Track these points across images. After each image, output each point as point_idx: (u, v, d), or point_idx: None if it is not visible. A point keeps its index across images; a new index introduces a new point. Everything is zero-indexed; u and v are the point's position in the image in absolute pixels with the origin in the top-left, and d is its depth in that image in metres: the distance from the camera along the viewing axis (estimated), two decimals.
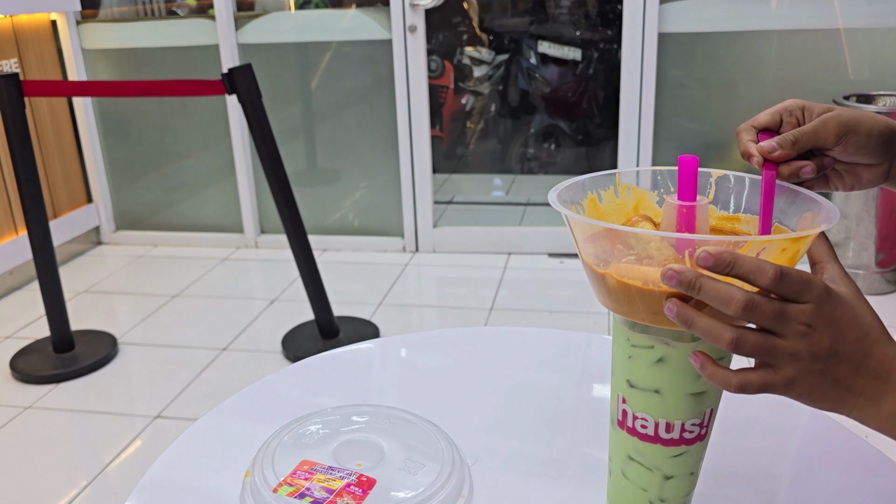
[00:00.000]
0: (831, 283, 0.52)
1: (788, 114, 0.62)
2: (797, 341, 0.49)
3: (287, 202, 2.20)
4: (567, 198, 0.61)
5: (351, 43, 3.05)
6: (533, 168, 4.32)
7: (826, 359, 0.49)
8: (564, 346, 1.00)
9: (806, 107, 0.61)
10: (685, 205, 0.57)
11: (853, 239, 2.61)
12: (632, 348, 0.60)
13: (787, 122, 0.61)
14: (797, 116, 0.61)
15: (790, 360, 0.49)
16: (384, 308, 2.68)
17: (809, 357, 0.49)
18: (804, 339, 0.49)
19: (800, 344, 0.49)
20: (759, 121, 0.62)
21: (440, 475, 0.67)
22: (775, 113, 0.62)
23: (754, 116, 0.63)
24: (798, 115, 0.62)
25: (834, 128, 0.59)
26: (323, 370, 0.94)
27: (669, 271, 0.50)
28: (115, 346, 2.40)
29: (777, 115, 0.62)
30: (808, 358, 0.49)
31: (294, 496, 0.64)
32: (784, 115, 0.62)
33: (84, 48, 3.23)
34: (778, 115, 0.62)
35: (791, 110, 0.62)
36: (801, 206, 0.59)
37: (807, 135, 0.59)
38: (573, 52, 3.95)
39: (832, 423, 0.80)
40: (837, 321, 0.49)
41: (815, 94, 2.75)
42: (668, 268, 0.50)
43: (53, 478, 1.82)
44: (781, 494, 0.70)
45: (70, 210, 3.26)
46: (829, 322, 0.49)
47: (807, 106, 0.61)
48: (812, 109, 0.61)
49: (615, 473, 0.65)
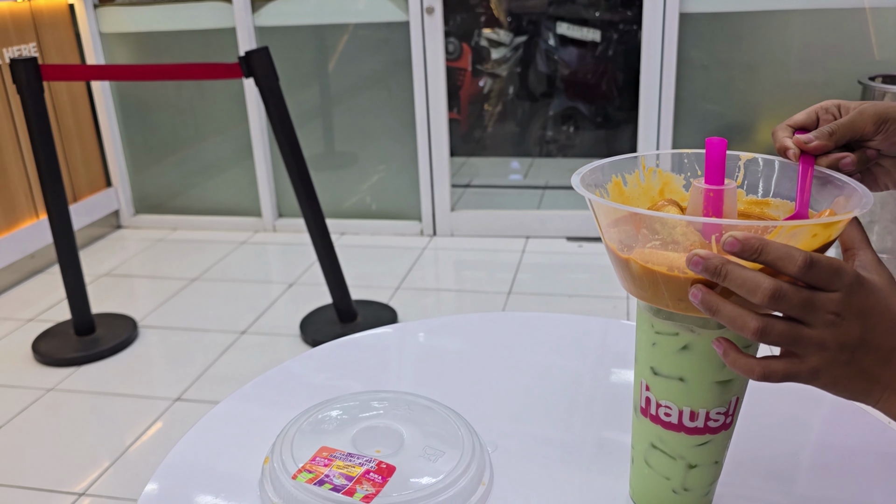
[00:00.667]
0: (863, 271, 0.50)
1: (825, 111, 0.61)
2: (825, 331, 0.48)
3: (305, 186, 2.19)
4: (590, 181, 0.60)
5: (368, 25, 3.03)
6: (551, 151, 4.28)
7: (854, 349, 0.48)
8: (584, 332, 0.99)
9: (842, 105, 0.61)
10: (713, 188, 0.56)
11: (877, 223, 2.57)
12: (656, 335, 0.58)
13: (823, 119, 0.60)
14: (833, 114, 0.60)
15: (816, 349, 0.48)
16: (402, 292, 2.67)
17: (837, 347, 0.48)
18: (832, 329, 0.48)
19: (827, 333, 0.48)
20: (796, 120, 0.61)
21: (460, 462, 0.66)
22: (811, 112, 0.61)
23: (790, 117, 0.61)
24: (834, 112, 0.60)
25: (871, 116, 0.58)
26: (342, 355, 0.94)
27: (695, 257, 0.48)
28: (135, 329, 2.42)
29: (813, 114, 0.61)
30: (835, 348, 0.48)
31: (313, 483, 0.64)
32: (820, 113, 0.61)
33: (101, 32, 3.24)
34: (814, 113, 0.61)
35: (827, 108, 0.61)
36: (833, 190, 0.57)
37: (844, 126, 0.58)
38: (592, 34, 3.89)
39: (858, 413, 0.78)
40: (868, 311, 0.48)
41: (839, 75, 2.69)
42: (693, 253, 0.49)
43: (76, 458, 1.84)
44: (806, 485, 0.69)
45: (89, 194, 3.28)
46: (859, 311, 0.48)
47: (842, 104, 0.61)
48: (848, 106, 0.60)
49: (638, 461, 0.64)
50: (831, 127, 0.58)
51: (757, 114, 2.87)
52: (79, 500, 1.70)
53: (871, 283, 0.49)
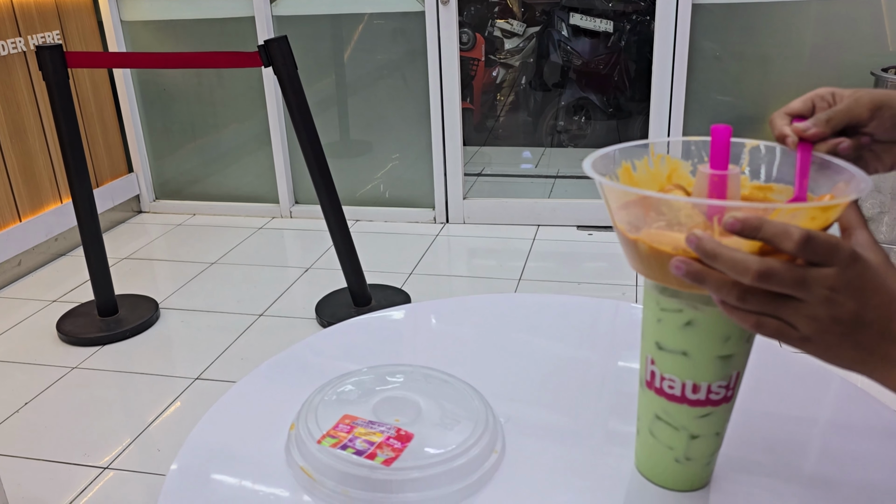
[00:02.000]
0: (859, 248, 0.52)
1: (820, 99, 0.63)
2: (819, 307, 0.49)
3: (322, 173, 2.24)
4: (601, 167, 0.63)
5: (384, 15, 3.06)
6: (563, 141, 4.30)
7: (848, 323, 0.50)
8: (594, 313, 1.03)
9: (836, 92, 0.63)
10: (717, 173, 0.59)
11: (888, 213, 2.58)
12: (661, 312, 0.62)
13: (819, 106, 0.63)
14: (828, 101, 0.63)
15: (807, 320, 0.50)
16: (415, 277, 2.72)
17: (830, 320, 0.50)
18: (827, 305, 0.49)
19: (821, 309, 0.49)
20: (792, 108, 0.63)
21: (474, 431, 0.70)
22: (807, 100, 0.63)
23: (787, 105, 0.64)
24: (829, 99, 0.63)
25: (867, 103, 0.60)
26: (358, 334, 0.97)
27: (692, 235, 0.51)
28: (156, 310, 2.48)
29: (809, 102, 0.63)
30: (828, 321, 0.50)
31: (337, 447, 0.68)
32: (816, 100, 0.63)
33: (123, 20, 3.28)
34: (810, 101, 0.63)
35: (822, 96, 0.63)
36: (833, 176, 0.60)
37: (840, 112, 0.60)
38: (605, 25, 3.90)
39: (859, 391, 0.81)
40: (863, 287, 0.50)
41: (853, 66, 2.69)
42: (692, 232, 0.51)
43: (99, 434, 1.90)
44: (804, 459, 0.72)
45: (111, 179, 3.35)
46: (854, 287, 0.49)
47: (836, 91, 0.63)
48: (842, 94, 0.62)
49: (643, 432, 0.68)
50: (828, 114, 0.61)
51: (768, 105, 2.88)
52: (103, 473, 1.76)
53: (866, 260, 0.50)
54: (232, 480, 0.71)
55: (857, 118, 0.61)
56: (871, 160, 0.64)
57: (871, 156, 0.64)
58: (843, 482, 0.68)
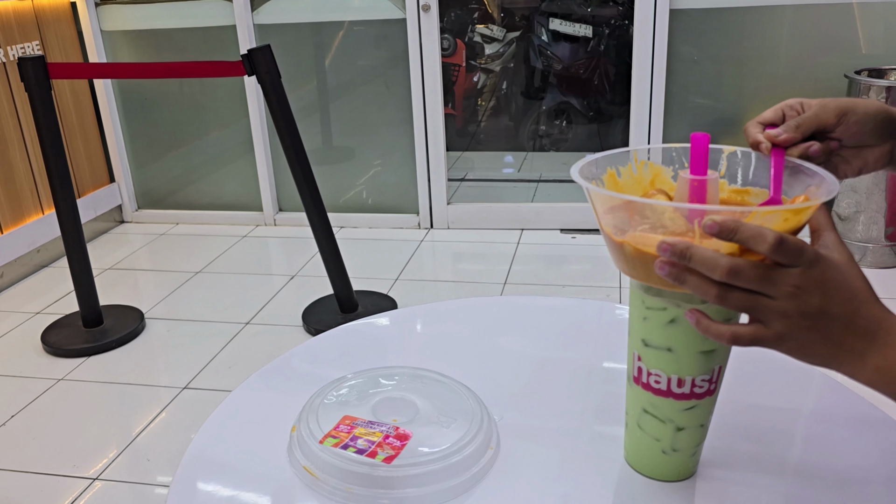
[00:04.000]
0: (824, 250, 0.56)
1: (789, 108, 0.68)
2: (786, 301, 0.53)
3: (307, 180, 2.25)
4: (588, 173, 0.66)
5: (366, 22, 3.08)
6: (545, 145, 4.35)
7: (815, 317, 0.54)
8: (579, 314, 1.06)
9: (804, 102, 0.68)
10: (697, 178, 0.62)
11: (863, 213, 2.65)
12: (646, 310, 0.65)
13: (788, 115, 0.67)
14: (797, 110, 0.68)
15: (778, 317, 0.54)
16: (401, 283, 2.74)
17: (798, 315, 0.54)
18: (793, 299, 0.53)
19: (789, 304, 0.53)
20: (764, 117, 0.68)
21: (470, 429, 0.73)
22: (777, 109, 0.68)
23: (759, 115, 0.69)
24: (798, 108, 0.68)
25: (833, 109, 0.65)
26: (349, 339, 0.99)
27: (663, 244, 0.55)
28: (142, 320, 2.48)
29: (779, 111, 0.68)
30: (796, 315, 0.54)
31: (338, 447, 0.70)
32: (786, 109, 0.68)
33: (103, 30, 3.28)
34: (780, 110, 0.68)
35: (791, 105, 0.68)
36: (805, 179, 0.64)
37: (809, 118, 0.65)
38: (585, 29, 3.96)
39: (836, 383, 0.85)
40: (826, 283, 0.54)
41: (826, 69, 2.76)
42: (661, 241, 0.55)
43: (87, 445, 1.90)
44: (786, 448, 0.75)
45: (93, 189, 3.34)
46: (817, 284, 0.54)
47: (805, 101, 0.68)
48: (810, 103, 0.67)
49: (631, 426, 0.71)
50: (797, 120, 0.65)
51: (746, 108, 2.94)
52: (92, 484, 1.76)
53: (829, 259, 0.55)
54: (236, 483, 0.73)
55: (824, 123, 0.65)
56: (840, 164, 0.68)
57: (839, 160, 0.68)
58: (822, 470, 0.71)
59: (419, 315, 1.08)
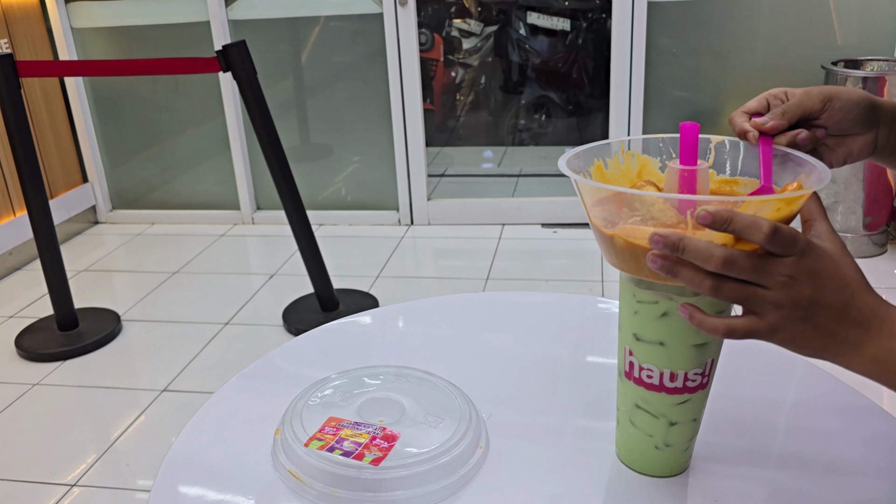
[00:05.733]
0: (817, 239, 0.56)
1: (773, 97, 0.67)
2: (779, 291, 0.53)
3: (285, 178, 2.22)
4: (575, 165, 0.65)
5: (342, 17, 3.05)
6: (524, 139, 4.34)
7: (807, 307, 0.53)
8: (563, 308, 1.05)
9: (788, 91, 0.67)
10: (687, 169, 0.61)
11: (842, 203, 2.67)
12: (637, 304, 0.64)
13: (773, 104, 0.67)
14: (781, 99, 0.67)
15: (772, 307, 0.53)
16: (382, 280, 2.72)
17: (791, 305, 0.53)
18: (785, 289, 0.53)
19: (781, 294, 0.53)
20: (749, 106, 0.67)
21: (458, 428, 0.71)
22: (762, 99, 0.67)
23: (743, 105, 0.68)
24: (781, 97, 0.67)
25: (817, 95, 0.65)
26: (332, 339, 0.97)
27: (655, 236, 0.54)
28: (118, 322, 2.44)
29: (764, 101, 0.67)
30: (789, 306, 0.53)
31: (324, 449, 0.68)
32: (770, 99, 0.67)
33: (73, 27, 3.21)
34: (764, 100, 0.67)
35: (775, 94, 0.67)
36: (795, 168, 0.63)
37: (794, 105, 0.65)
38: (562, 23, 3.95)
39: (824, 373, 0.85)
40: (818, 273, 0.53)
41: (804, 60, 2.78)
42: (653, 233, 0.54)
43: (65, 451, 1.86)
44: (777, 441, 0.75)
45: (66, 190, 3.27)
46: (809, 273, 0.53)
47: (788, 90, 0.67)
48: (794, 92, 0.67)
49: (623, 422, 0.70)
50: (783, 108, 0.65)
51: (724, 99, 2.95)
52: (70, 491, 1.73)
53: (821, 249, 0.54)
54: (218, 489, 0.70)
55: (809, 110, 0.65)
56: (825, 153, 0.68)
57: (824, 149, 0.68)
58: (813, 460, 0.71)
59: (402, 313, 1.06)
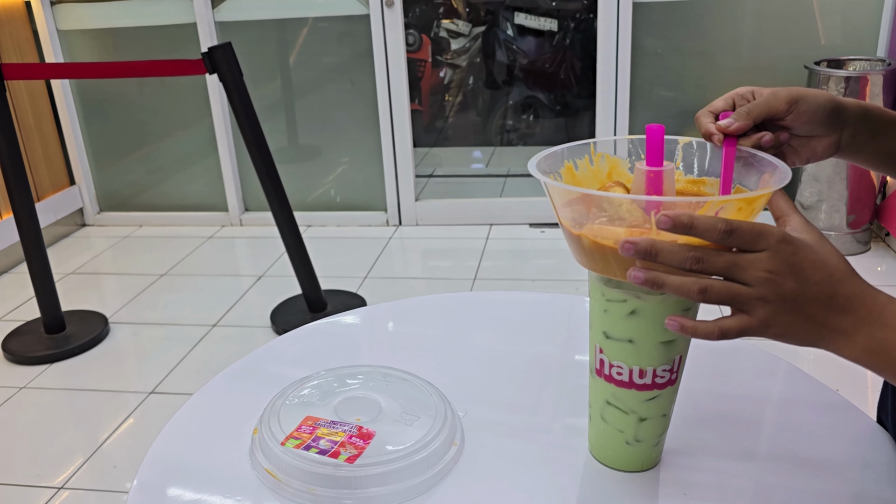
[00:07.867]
0: (793, 233, 0.56)
1: (740, 97, 0.68)
2: (762, 287, 0.53)
3: (272, 179, 2.23)
4: (545, 166, 0.66)
5: (329, 18, 3.06)
6: (512, 140, 4.36)
7: (794, 299, 0.54)
8: (547, 308, 1.06)
9: (755, 90, 0.68)
10: (653, 170, 0.62)
11: (825, 201, 2.69)
12: (607, 303, 0.65)
13: (739, 104, 0.67)
14: (748, 98, 0.67)
15: (759, 303, 0.54)
16: (370, 281, 2.73)
17: (777, 299, 0.53)
18: (768, 285, 0.53)
19: (764, 289, 0.53)
20: (715, 106, 0.68)
21: (434, 426, 0.72)
22: (728, 98, 0.68)
23: (710, 104, 0.68)
24: (749, 97, 0.68)
25: (784, 96, 0.65)
26: (315, 338, 0.98)
27: (626, 244, 0.54)
28: (106, 325, 2.44)
29: (730, 100, 0.68)
30: (776, 300, 0.53)
31: (301, 448, 0.69)
32: (736, 98, 0.68)
33: (59, 29, 3.21)
34: (731, 99, 0.68)
35: (742, 94, 0.68)
36: (759, 168, 0.65)
37: (759, 105, 0.65)
38: (549, 23, 3.97)
39: (794, 368, 0.86)
40: (799, 265, 0.54)
41: (787, 60, 2.80)
42: (623, 241, 0.55)
43: (52, 454, 1.86)
44: (749, 435, 0.76)
45: (52, 193, 3.26)
46: (789, 266, 0.53)
47: (755, 89, 0.68)
48: (761, 91, 0.67)
49: (595, 418, 0.71)
50: (748, 107, 0.65)
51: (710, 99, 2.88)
52: (58, 493, 1.73)
53: (799, 241, 0.55)
54: (197, 489, 0.71)
55: (775, 110, 0.65)
56: (789, 154, 0.69)
57: (788, 150, 0.69)
58: (784, 455, 0.72)
59: (387, 312, 1.07)
